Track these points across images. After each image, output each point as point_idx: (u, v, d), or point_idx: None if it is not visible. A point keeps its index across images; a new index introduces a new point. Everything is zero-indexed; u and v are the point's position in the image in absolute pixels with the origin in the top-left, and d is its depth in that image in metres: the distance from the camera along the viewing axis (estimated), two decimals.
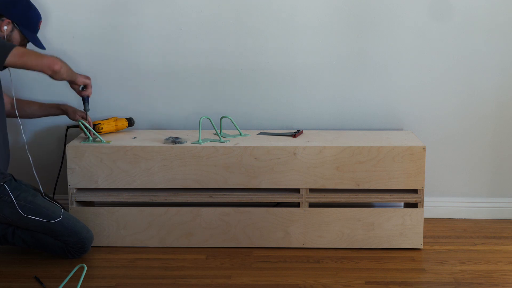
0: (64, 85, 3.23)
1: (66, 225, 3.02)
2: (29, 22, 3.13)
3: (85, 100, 3.22)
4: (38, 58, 2.88)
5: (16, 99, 3.26)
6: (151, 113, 3.52)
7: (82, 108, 3.27)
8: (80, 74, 3.13)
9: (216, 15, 3.42)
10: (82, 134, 3.33)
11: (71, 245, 3.05)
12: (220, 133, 3.24)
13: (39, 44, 3.18)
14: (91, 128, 3.20)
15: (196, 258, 3.09)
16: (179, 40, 3.45)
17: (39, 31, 3.23)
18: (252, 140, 3.23)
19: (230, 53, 3.46)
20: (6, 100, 3.23)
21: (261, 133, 3.37)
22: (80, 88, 3.17)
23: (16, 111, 3.19)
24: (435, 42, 3.43)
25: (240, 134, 3.33)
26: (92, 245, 3.12)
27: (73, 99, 3.40)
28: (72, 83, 3.13)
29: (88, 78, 3.16)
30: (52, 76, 2.94)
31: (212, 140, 3.21)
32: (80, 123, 3.18)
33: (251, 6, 3.41)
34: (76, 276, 2.90)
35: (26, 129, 3.49)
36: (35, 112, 3.34)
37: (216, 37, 3.44)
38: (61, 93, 3.43)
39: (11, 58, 2.80)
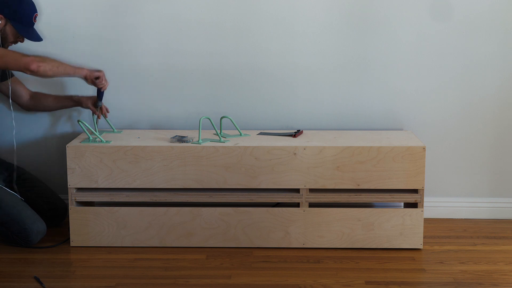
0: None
1: (9, 212, 3.11)
2: (21, 17, 3.19)
3: (98, 94, 3.30)
4: (17, 58, 3.04)
5: (34, 92, 3.42)
6: (151, 113, 3.52)
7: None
8: (87, 69, 3.22)
9: (216, 15, 3.42)
10: (84, 134, 3.34)
11: (15, 234, 3.13)
12: (220, 133, 3.24)
13: (34, 37, 3.26)
14: (91, 128, 3.21)
15: (196, 258, 3.09)
16: (179, 41, 3.45)
17: (35, 24, 3.28)
18: (252, 140, 3.23)
19: (230, 53, 3.46)
20: (25, 92, 3.40)
21: (261, 133, 3.37)
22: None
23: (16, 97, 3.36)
24: (435, 42, 3.43)
25: (240, 134, 3.33)
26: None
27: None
28: (83, 78, 3.24)
29: (98, 71, 3.24)
30: (35, 75, 3.08)
31: (212, 140, 3.21)
32: (80, 123, 3.18)
33: (251, 7, 3.41)
34: (76, 276, 2.91)
35: (27, 129, 3.50)
36: (50, 104, 3.43)
37: (216, 38, 3.44)
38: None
39: None
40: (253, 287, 2.82)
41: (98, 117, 3.34)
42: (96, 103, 3.33)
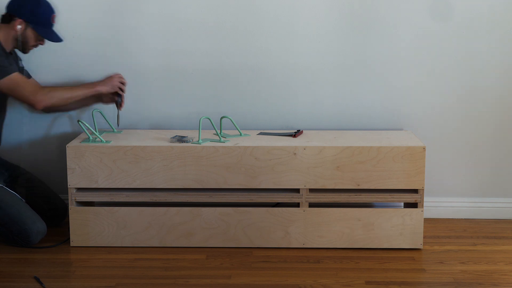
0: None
1: (9, 212, 3.12)
2: (40, 19, 3.22)
3: (118, 100, 3.35)
4: (25, 96, 3.13)
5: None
6: (151, 113, 3.52)
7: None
8: (101, 83, 3.29)
9: (216, 15, 3.42)
10: (83, 134, 3.34)
11: (15, 234, 3.13)
12: (220, 133, 3.24)
13: (54, 38, 3.27)
14: (91, 128, 3.21)
15: (196, 258, 3.09)
16: (179, 40, 3.45)
17: (54, 25, 3.29)
18: (252, 140, 3.23)
19: (230, 53, 3.46)
20: None
21: (261, 133, 3.37)
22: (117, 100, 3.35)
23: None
24: (435, 42, 3.43)
25: (240, 134, 3.33)
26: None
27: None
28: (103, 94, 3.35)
29: (111, 77, 3.32)
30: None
31: (212, 140, 3.21)
32: (80, 123, 3.18)
33: (251, 7, 3.41)
34: (76, 276, 2.91)
35: (27, 129, 3.50)
36: (72, 104, 3.39)
37: (216, 37, 3.45)
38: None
39: (2, 83, 3.08)
40: (253, 287, 2.82)
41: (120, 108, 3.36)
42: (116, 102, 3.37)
